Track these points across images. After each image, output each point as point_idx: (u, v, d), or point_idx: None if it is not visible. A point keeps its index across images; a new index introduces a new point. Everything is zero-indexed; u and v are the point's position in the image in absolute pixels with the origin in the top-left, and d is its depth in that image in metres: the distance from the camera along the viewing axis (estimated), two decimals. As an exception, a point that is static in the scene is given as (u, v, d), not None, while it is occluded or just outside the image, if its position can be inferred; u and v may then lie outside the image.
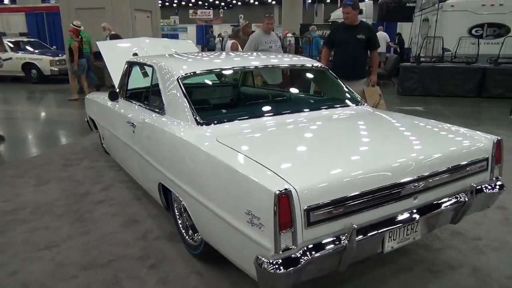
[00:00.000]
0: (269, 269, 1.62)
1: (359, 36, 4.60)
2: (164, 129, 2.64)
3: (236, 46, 6.48)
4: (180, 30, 30.67)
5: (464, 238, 2.89)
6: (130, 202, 3.57)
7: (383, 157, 2.02)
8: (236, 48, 6.45)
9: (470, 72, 9.30)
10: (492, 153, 2.34)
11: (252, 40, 5.72)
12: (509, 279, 2.42)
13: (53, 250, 2.77)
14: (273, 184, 1.62)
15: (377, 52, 4.92)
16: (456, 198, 2.18)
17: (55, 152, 5.21)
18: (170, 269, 2.53)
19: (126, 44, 5.38)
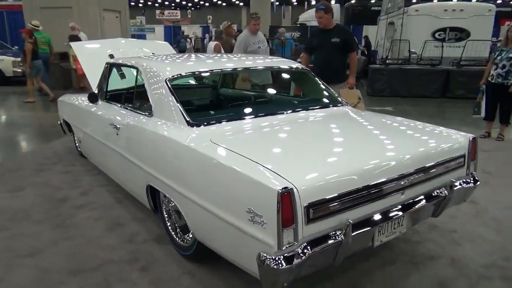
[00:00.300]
0: (272, 265, 1.67)
1: (334, 40, 4.61)
2: (153, 131, 2.63)
3: (219, 48, 6.47)
4: (147, 30, 30.16)
5: (440, 231, 3.05)
6: (112, 205, 3.51)
7: (373, 155, 2.12)
8: (219, 50, 6.44)
9: (435, 74, 9.73)
10: (468, 150, 2.50)
11: (241, 42, 5.67)
12: (485, 268, 2.58)
13: (37, 257, 2.70)
14: (276, 183, 1.67)
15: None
16: (437, 193, 2.31)
17: (25, 157, 5.04)
18: (161, 271, 2.52)
19: (101, 45, 5.26)
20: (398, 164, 2.09)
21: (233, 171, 1.88)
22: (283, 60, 3.70)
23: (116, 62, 3.75)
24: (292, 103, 3.33)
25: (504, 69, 5.51)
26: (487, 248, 2.82)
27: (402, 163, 2.11)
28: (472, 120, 6.30)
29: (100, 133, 3.57)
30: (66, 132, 5.11)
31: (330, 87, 3.36)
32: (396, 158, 2.12)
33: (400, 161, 2.12)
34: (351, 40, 4.78)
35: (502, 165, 4.67)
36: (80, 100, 4.27)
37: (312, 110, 2.94)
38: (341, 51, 4.67)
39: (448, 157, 2.37)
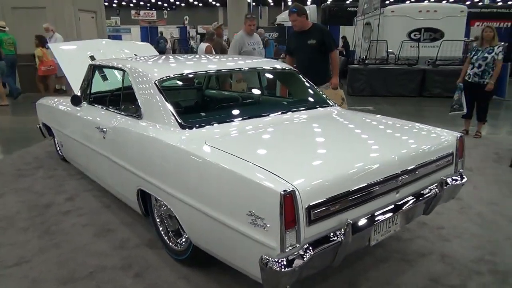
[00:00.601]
0: (276, 268, 1.66)
1: (310, 42, 4.52)
2: (144, 134, 2.59)
3: (210, 49, 6.38)
4: (123, 31, 29.60)
5: (429, 228, 3.12)
6: (100, 210, 3.43)
7: (369, 155, 2.15)
8: (210, 51, 6.36)
9: (412, 73, 9.96)
10: (456, 148, 2.57)
11: (235, 42, 5.57)
12: (474, 263, 2.66)
13: (24, 266, 2.61)
14: (277, 185, 1.67)
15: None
16: (429, 191, 2.36)
17: (3, 163, 4.86)
18: (156, 276, 2.48)
19: (81, 46, 5.13)
20: (393, 163, 2.13)
21: (233, 173, 1.86)
22: (271, 60, 3.70)
23: (99, 63, 3.66)
24: (282, 104, 3.34)
25: (480, 69, 5.68)
26: (474, 243, 2.91)
27: (397, 162, 2.15)
28: (450, 118, 6.46)
29: (84, 137, 3.48)
30: (46, 136, 4.97)
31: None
32: (391, 158, 2.15)
33: (395, 160, 2.15)
34: (328, 40, 4.59)
35: (481, 162, 4.82)
36: (61, 103, 4.15)
37: (303, 111, 2.95)
38: (319, 52, 4.55)
39: (438, 156, 2.43)
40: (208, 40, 6.64)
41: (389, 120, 2.93)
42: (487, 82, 5.68)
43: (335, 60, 4.71)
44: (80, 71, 4.37)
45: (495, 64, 5.60)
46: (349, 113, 3.14)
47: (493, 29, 5.71)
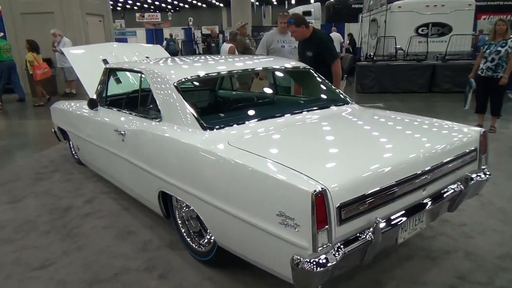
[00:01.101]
0: (308, 268, 1.66)
1: (308, 54, 4.35)
2: (165, 136, 2.59)
3: (233, 50, 6.36)
4: (128, 34, 29.71)
5: (451, 225, 3.09)
6: (119, 213, 3.45)
7: (396, 153, 2.14)
8: (233, 52, 6.32)
9: (422, 69, 9.89)
10: (479, 144, 2.54)
11: (264, 39, 5.43)
12: (499, 259, 2.63)
13: (50, 269, 2.63)
14: (308, 185, 1.66)
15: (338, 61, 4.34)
16: (454, 188, 2.34)
17: (20, 167, 4.90)
18: (181, 278, 2.49)
19: (93, 50, 5.16)
20: (419, 160, 2.11)
21: (262, 174, 1.85)
22: (287, 60, 3.68)
23: (115, 66, 3.68)
24: (300, 104, 3.32)
25: (493, 63, 5.63)
26: (497, 239, 2.88)
27: (423, 159, 2.13)
28: (462, 113, 6.43)
29: (102, 140, 3.49)
30: (61, 140, 5.00)
31: None
32: (417, 155, 2.14)
33: (421, 157, 2.13)
34: (325, 51, 4.29)
35: (497, 156, 4.77)
36: (77, 107, 4.17)
37: (321, 110, 2.94)
38: (319, 63, 4.16)
39: (462, 152, 2.40)
40: (231, 40, 6.63)
41: (409, 116, 2.90)
42: (500, 76, 5.62)
43: (335, 72, 4.32)
44: (93, 74, 4.41)
45: (508, 58, 5.54)
46: (368, 111, 3.12)
47: (506, 22, 5.65)
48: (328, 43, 4.42)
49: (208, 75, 2.97)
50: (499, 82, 5.63)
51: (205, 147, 2.23)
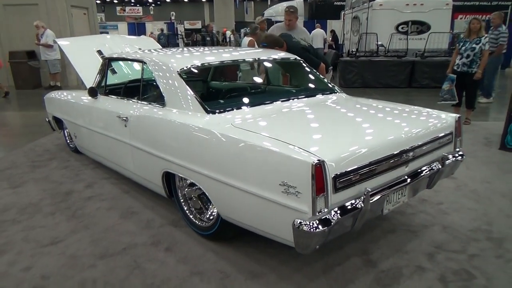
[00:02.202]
0: (308, 229, 1.89)
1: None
2: (171, 120, 2.78)
3: (253, 43, 6.50)
4: (110, 27, 29.39)
5: (429, 204, 3.39)
6: (121, 195, 3.62)
7: (381, 134, 2.40)
8: (253, 45, 6.45)
9: (402, 65, 10.29)
10: (455, 128, 2.83)
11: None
12: (472, 231, 2.94)
13: (60, 245, 2.79)
14: (308, 158, 1.90)
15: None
16: (432, 166, 2.62)
17: (15, 155, 4.97)
18: (186, 250, 2.69)
19: (87, 41, 5.28)
20: (404, 140, 2.38)
21: (266, 150, 2.08)
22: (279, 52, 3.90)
23: (115, 56, 3.83)
24: (294, 92, 3.55)
25: (469, 59, 5.99)
26: (471, 216, 3.19)
27: (406, 139, 2.40)
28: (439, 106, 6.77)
29: (103, 126, 3.64)
30: (56, 129, 5.10)
31: None
32: (401, 135, 2.40)
33: (404, 138, 2.40)
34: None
35: (472, 145, 5.13)
36: (75, 96, 4.30)
37: (313, 97, 3.19)
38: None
39: (440, 134, 2.69)
40: (251, 34, 6.85)
41: (394, 104, 3.18)
42: (475, 71, 5.99)
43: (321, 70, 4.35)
44: (88, 65, 4.55)
45: (482, 54, 5.92)
46: (357, 99, 3.39)
47: (480, 21, 6.01)
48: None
49: (209, 64, 3.18)
50: (474, 76, 6.00)
51: (212, 129, 2.44)
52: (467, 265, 2.52)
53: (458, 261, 2.57)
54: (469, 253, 2.66)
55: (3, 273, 2.49)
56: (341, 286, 2.32)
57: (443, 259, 2.59)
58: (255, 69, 5.22)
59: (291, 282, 2.35)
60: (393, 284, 2.33)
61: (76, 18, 11.66)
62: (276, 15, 27.82)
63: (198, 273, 2.44)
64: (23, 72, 10.82)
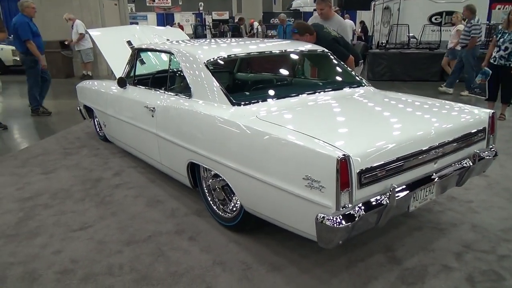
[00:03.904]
0: (331, 224, 1.88)
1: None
2: (197, 111, 2.80)
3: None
4: (140, 18, 29.92)
5: (458, 202, 3.29)
6: (147, 184, 3.70)
7: (411, 129, 2.34)
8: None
9: (434, 57, 9.96)
10: (488, 125, 2.73)
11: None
12: (503, 231, 2.83)
13: (89, 230, 2.89)
14: (333, 152, 1.88)
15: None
16: (463, 164, 2.54)
17: (48, 142, 5.16)
18: (209, 240, 2.73)
19: (117, 32, 5.38)
20: (433, 136, 2.31)
21: (291, 144, 2.07)
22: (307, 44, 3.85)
23: (144, 47, 3.89)
24: (321, 85, 3.50)
25: (507, 51, 5.74)
26: (502, 215, 3.08)
27: (437, 134, 2.33)
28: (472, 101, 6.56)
29: (131, 116, 3.72)
30: (86, 118, 5.25)
31: None
32: (431, 131, 2.33)
33: (435, 133, 2.33)
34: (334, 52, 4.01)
35: (506, 142, 4.94)
36: (105, 85, 4.40)
37: (341, 90, 3.14)
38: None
39: (472, 130, 2.59)
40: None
41: (423, 98, 3.09)
42: (512, 64, 5.74)
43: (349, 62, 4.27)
44: (119, 55, 4.64)
45: (521, 47, 5.65)
46: (385, 92, 3.31)
47: (520, 11, 5.74)
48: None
49: (235, 55, 3.18)
50: (511, 70, 5.75)
51: (237, 121, 2.44)
52: (496, 266, 2.44)
53: (487, 262, 2.49)
54: (498, 254, 2.57)
55: (35, 254, 2.60)
56: (364, 282, 2.29)
57: (471, 259, 2.51)
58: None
59: (312, 276, 2.35)
60: (418, 283, 2.29)
61: (107, 8, 11.89)
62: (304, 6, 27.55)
63: (221, 263, 2.47)
64: (57, 61, 11.14)
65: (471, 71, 8.09)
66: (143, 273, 2.39)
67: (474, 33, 7.80)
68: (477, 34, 7.83)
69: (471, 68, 8.09)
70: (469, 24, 7.89)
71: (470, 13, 7.89)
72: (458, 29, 8.70)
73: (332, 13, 4.99)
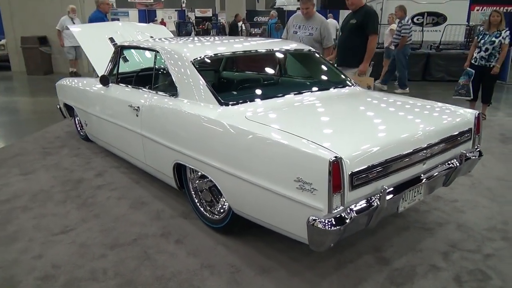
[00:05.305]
0: (323, 227, 1.85)
1: (352, 21, 4.55)
2: (183, 110, 2.74)
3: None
4: (121, 14, 29.33)
5: (444, 201, 3.32)
6: (131, 185, 3.60)
7: (399, 130, 2.33)
8: None
9: (416, 57, 10.07)
10: (474, 125, 2.75)
11: (287, 23, 5.36)
12: (487, 231, 2.87)
13: (71, 234, 2.79)
14: (326, 153, 1.85)
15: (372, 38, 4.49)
16: (450, 164, 2.55)
17: (26, 142, 4.98)
18: (196, 243, 2.67)
19: (99, 29, 5.24)
20: (422, 137, 2.31)
21: (281, 145, 2.03)
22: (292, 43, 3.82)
23: (127, 45, 3.79)
24: (307, 84, 3.48)
25: (487, 52, 5.84)
26: (486, 214, 3.12)
27: (425, 136, 2.33)
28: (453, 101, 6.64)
29: (115, 115, 3.62)
30: (67, 116, 5.10)
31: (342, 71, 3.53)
32: (419, 132, 2.33)
33: (423, 134, 2.33)
34: (368, 21, 4.47)
35: (487, 142, 5.02)
36: (87, 83, 4.28)
37: (327, 90, 3.12)
38: (357, 33, 4.52)
39: (459, 131, 2.61)
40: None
41: (410, 99, 3.10)
42: (493, 65, 5.85)
43: (370, 45, 4.53)
44: (101, 52, 4.51)
45: (501, 48, 5.76)
46: (372, 92, 3.31)
47: (501, 13, 5.84)
48: (375, 16, 4.71)
49: (223, 54, 3.13)
50: (491, 71, 5.86)
51: (225, 121, 2.39)
52: (482, 265, 2.47)
53: (473, 261, 2.51)
54: (484, 253, 2.60)
55: (14, 260, 2.50)
56: (353, 283, 2.28)
57: (458, 259, 2.53)
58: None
59: (302, 278, 2.32)
60: (407, 283, 2.29)
61: (88, 4, 11.59)
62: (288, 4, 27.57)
63: (209, 266, 2.41)
64: (35, 57, 10.83)
65: (402, 69, 8.53)
66: (128, 278, 2.32)
67: (404, 32, 8.22)
68: (406, 34, 8.24)
69: (403, 67, 8.52)
70: (400, 24, 8.31)
71: (403, 13, 8.35)
72: (391, 28, 9.15)
73: (314, 12, 5.05)
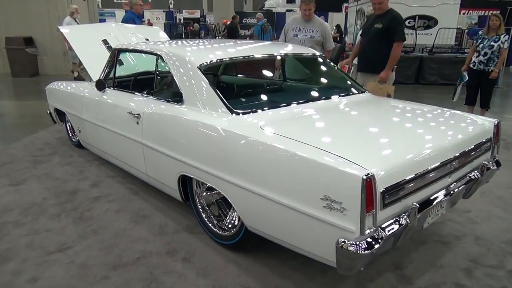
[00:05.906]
0: (355, 250, 1.70)
1: (377, 25, 4.33)
2: (190, 119, 2.56)
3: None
4: (107, 15, 28.79)
5: (456, 212, 3.21)
6: (130, 196, 3.40)
7: (425, 142, 2.19)
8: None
9: (409, 60, 10.07)
10: (494, 134, 2.64)
11: (286, 24, 5.20)
12: (506, 243, 2.77)
13: (68, 252, 2.59)
14: (357, 170, 1.70)
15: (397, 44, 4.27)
16: (472, 176, 2.44)
17: (15, 149, 4.72)
18: (205, 261, 2.50)
19: (92, 30, 5.02)
20: (448, 148, 2.18)
21: (306, 160, 1.86)
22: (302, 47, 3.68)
23: (125, 47, 3.59)
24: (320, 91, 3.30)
25: (486, 57, 5.80)
26: (502, 226, 3.02)
27: (452, 147, 2.20)
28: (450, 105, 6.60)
29: (112, 122, 3.41)
30: (57, 122, 4.86)
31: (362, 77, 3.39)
32: (446, 143, 2.21)
33: (450, 145, 2.21)
34: (395, 28, 4.24)
35: (489, 147, 4.96)
36: (80, 88, 4.06)
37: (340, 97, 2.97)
38: (382, 38, 4.29)
39: (481, 141, 2.49)
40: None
41: (428, 106, 2.96)
42: (492, 69, 5.81)
43: (394, 51, 4.31)
44: (94, 55, 4.30)
45: (500, 52, 5.73)
46: (387, 99, 3.18)
47: (500, 17, 5.81)
48: (402, 22, 4.48)
49: (232, 59, 2.95)
50: (490, 75, 5.82)
51: (239, 131, 2.22)
52: (507, 283, 2.36)
53: (498, 278, 2.40)
54: (507, 269, 2.49)
55: (7, 283, 2.29)
56: (377, 306, 2.14)
57: (482, 276, 2.41)
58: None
59: (323, 300, 2.17)
60: (433, 304, 2.16)
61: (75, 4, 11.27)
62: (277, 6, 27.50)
63: (221, 288, 2.25)
64: (21, 59, 10.47)
65: None
66: (134, 303, 2.13)
67: None
68: None
69: None
70: None
71: None
72: None
73: (313, 15, 4.95)
